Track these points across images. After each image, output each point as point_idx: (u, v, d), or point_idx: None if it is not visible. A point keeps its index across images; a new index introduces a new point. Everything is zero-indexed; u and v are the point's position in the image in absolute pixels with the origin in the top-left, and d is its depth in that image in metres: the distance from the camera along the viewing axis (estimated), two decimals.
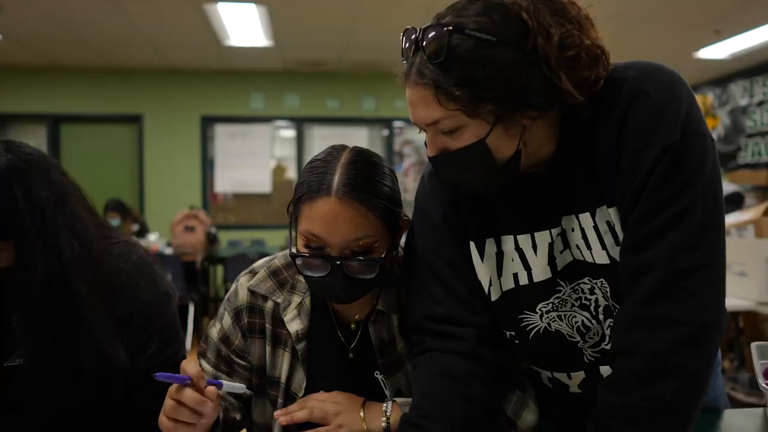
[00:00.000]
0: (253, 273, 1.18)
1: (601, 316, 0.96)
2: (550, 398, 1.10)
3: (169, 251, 5.29)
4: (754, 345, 1.15)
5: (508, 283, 0.99)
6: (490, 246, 1.00)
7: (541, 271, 0.97)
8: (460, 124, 0.85)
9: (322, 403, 1.06)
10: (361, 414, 1.04)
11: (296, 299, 1.14)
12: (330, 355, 1.14)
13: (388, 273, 1.09)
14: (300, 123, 7.61)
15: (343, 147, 1.07)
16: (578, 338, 0.99)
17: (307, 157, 7.62)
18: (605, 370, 0.99)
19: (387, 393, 1.11)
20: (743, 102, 7.01)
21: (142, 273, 1.14)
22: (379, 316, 1.13)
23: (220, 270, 6.16)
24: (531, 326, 1.01)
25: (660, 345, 0.83)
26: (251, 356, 1.15)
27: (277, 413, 1.06)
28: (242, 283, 1.17)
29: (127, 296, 1.10)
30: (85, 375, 1.02)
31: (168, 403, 0.90)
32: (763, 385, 1.04)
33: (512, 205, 0.97)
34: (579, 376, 1.03)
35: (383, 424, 1.03)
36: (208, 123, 7.42)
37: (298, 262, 1.03)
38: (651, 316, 0.84)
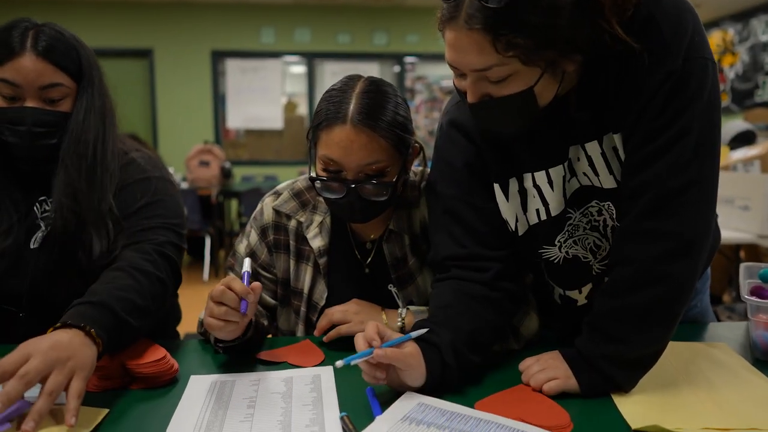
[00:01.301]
0: (277, 194, 1.29)
1: (609, 235, 1.06)
2: (555, 312, 1.21)
3: (184, 185, 5.42)
4: (742, 265, 1.25)
5: (533, 218, 1.06)
6: (513, 185, 1.06)
7: (556, 205, 1.04)
8: (512, 71, 0.86)
9: (341, 309, 1.18)
10: (384, 317, 1.17)
11: (317, 218, 1.25)
12: (348, 270, 1.26)
13: (399, 195, 1.20)
14: (311, 58, 7.54)
15: (358, 77, 1.15)
16: (590, 257, 1.09)
17: (319, 93, 7.59)
18: None
19: (399, 304, 1.23)
20: (764, 38, 6.84)
21: (150, 160, 1.27)
22: (392, 235, 1.23)
23: (234, 204, 6.29)
24: (551, 258, 1.10)
25: (651, 255, 0.92)
26: (277, 269, 1.27)
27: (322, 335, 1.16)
28: (267, 203, 1.28)
29: (131, 170, 1.23)
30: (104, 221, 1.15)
31: (216, 296, 0.98)
32: (745, 296, 1.13)
33: (527, 144, 1.03)
34: (587, 288, 1.13)
35: (398, 323, 1.17)
36: (218, 57, 7.38)
37: (317, 185, 1.14)
38: (644, 229, 0.93)
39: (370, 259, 1.26)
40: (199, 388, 0.98)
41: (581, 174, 1.02)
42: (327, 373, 1.04)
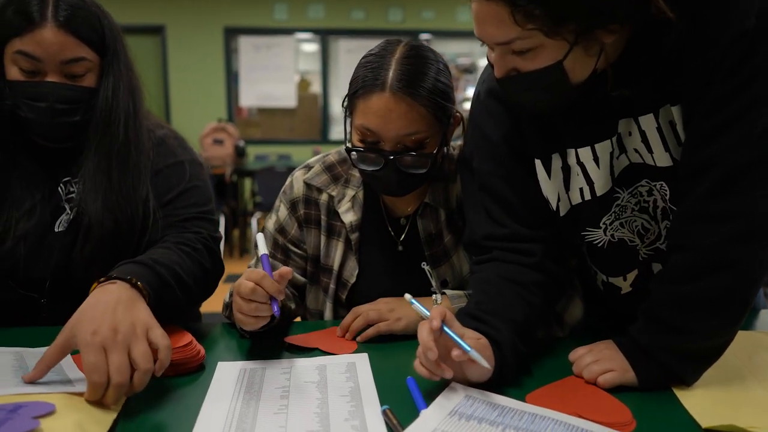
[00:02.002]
0: (308, 167, 1.22)
1: (659, 217, 0.97)
2: (597, 300, 1.13)
3: None
4: None
5: (576, 197, 0.98)
6: (556, 161, 0.98)
7: (603, 184, 0.96)
8: (535, 44, 0.80)
9: (372, 308, 1.10)
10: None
11: (350, 192, 1.19)
12: (380, 246, 1.20)
13: (438, 168, 1.13)
14: (324, 35, 7.41)
15: (398, 41, 1.07)
16: (638, 241, 1.00)
17: (332, 71, 7.47)
18: (657, 267, 1.02)
19: (433, 283, 1.17)
20: None
21: (170, 141, 1.21)
22: (427, 209, 1.17)
23: (248, 183, 6.24)
24: (595, 241, 1.02)
25: (716, 238, 0.84)
26: (307, 245, 1.21)
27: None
28: (297, 177, 1.22)
29: (163, 152, 1.18)
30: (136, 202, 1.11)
31: (245, 293, 0.91)
32: None
33: (571, 118, 0.95)
34: (632, 275, 1.05)
35: None
36: (231, 34, 7.27)
37: (353, 155, 1.07)
38: (709, 210, 0.85)
39: (403, 236, 1.20)
40: (228, 375, 0.93)
41: (632, 150, 0.94)
42: (362, 361, 0.98)
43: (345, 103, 1.08)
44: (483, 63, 7.51)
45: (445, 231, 1.18)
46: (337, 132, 7.62)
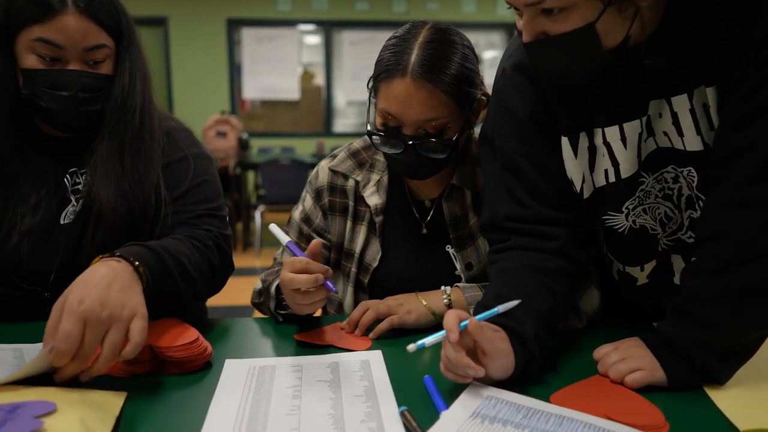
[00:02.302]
0: (333, 156, 1.22)
1: (683, 206, 0.92)
2: (612, 289, 1.09)
3: None
4: None
5: (600, 180, 0.94)
6: (583, 140, 0.93)
7: (629, 166, 0.91)
8: (569, 3, 0.77)
9: (381, 302, 1.07)
10: (423, 301, 1.06)
11: (375, 177, 1.18)
12: (404, 230, 1.18)
13: (463, 151, 1.12)
14: (328, 27, 7.34)
15: (423, 23, 1.05)
16: (659, 230, 0.96)
17: (336, 63, 7.40)
18: (676, 259, 0.97)
19: (458, 266, 1.14)
20: None
21: (180, 135, 1.17)
22: (453, 191, 1.14)
23: (252, 176, 6.20)
24: (616, 226, 0.98)
25: (751, 228, 0.79)
26: (331, 234, 1.20)
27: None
28: (323, 166, 1.21)
29: (172, 145, 1.15)
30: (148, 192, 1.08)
31: (302, 282, 0.90)
32: None
33: (601, 95, 0.90)
34: (650, 266, 1.01)
35: (445, 301, 1.06)
36: (234, 26, 7.20)
37: (375, 139, 1.06)
38: (744, 198, 0.80)
39: (428, 219, 1.18)
40: (236, 373, 0.88)
41: (660, 133, 0.89)
42: (375, 358, 0.93)
43: (370, 85, 1.07)
44: (487, 55, 7.45)
45: (471, 213, 1.15)
46: (341, 125, 7.56)
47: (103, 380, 0.85)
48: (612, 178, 0.93)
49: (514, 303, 0.84)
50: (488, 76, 1.00)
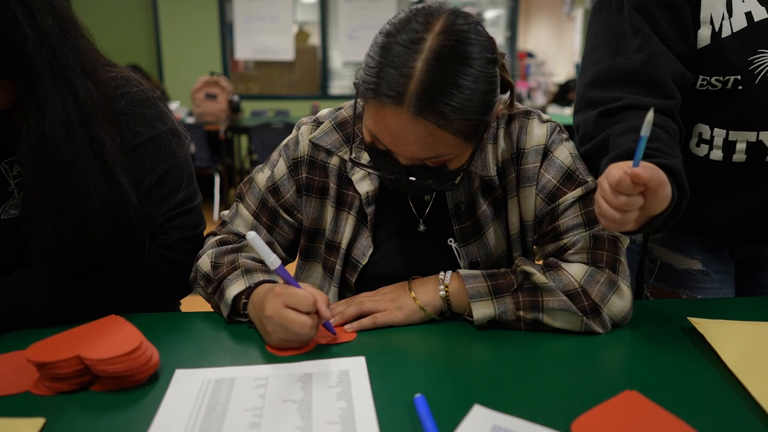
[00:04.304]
0: (317, 123, 1.00)
1: None
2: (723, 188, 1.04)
3: (191, 120, 5.10)
4: None
5: (761, 12, 0.93)
6: None
7: None
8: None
9: (370, 296, 0.93)
10: (412, 294, 0.91)
11: (366, 156, 0.96)
12: (399, 221, 1.00)
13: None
14: None
15: (435, 20, 0.76)
16: None
17: (332, 22, 7.08)
18: None
19: (461, 264, 0.98)
20: None
21: (142, 108, 0.97)
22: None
23: (244, 140, 5.99)
24: (762, 67, 0.94)
25: None
26: (303, 216, 1.01)
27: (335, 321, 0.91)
28: (304, 133, 1.00)
29: (134, 121, 0.95)
30: (110, 220, 0.90)
31: (298, 326, 0.79)
32: None
33: None
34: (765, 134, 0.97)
35: (441, 293, 0.90)
36: None
37: (358, 157, 0.91)
38: None
39: (428, 208, 0.99)
40: (186, 389, 0.72)
41: None
42: (357, 368, 0.77)
43: (356, 81, 0.81)
44: (489, 14, 7.13)
45: (480, 199, 0.96)
46: (337, 86, 7.30)
47: (20, 399, 0.69)
48: (761, 16, 0.92)
49: (650, 114, 0.69)
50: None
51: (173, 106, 5.43)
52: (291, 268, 1.10)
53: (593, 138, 0.94)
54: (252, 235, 0.80)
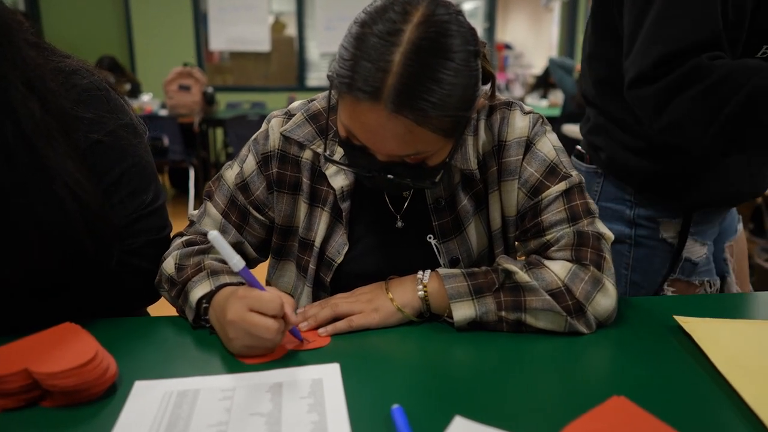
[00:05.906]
0: (289, 115, 0.95)
1: None
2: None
3: (164, 113, 4.97)
4: None
5: None
6: None
7: None
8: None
9: (346, 299, 0.89)
10: (389, 294, 0.87)
11: (340, 150, 0.92)
12: (376, 218, 0.95)
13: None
14: None
15: (414, 9, 0.71)
16: None
17: (308, 12, 6.96)
18: None
19: (441, 261, 0.94)
20: None
21: (93, 102, 0.89)
22: None
23: (219, 133, 5.88)
24: None
25: None
26: (275, 213, 0.96)
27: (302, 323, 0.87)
28: (274, 126, 0.95)
29: (88, 119, 0.87)
30: (71, 233, 0.82)
31: (263, 330, 0.75)
32: None
33: None
34: None
35: (420, 293, 0.86)
36: None
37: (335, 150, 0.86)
38: None
39: (407, 203, 0.94)
40: (145, 403, 0.67)
41: None
42: (331, 376, 0.73)
43: (330, 74, 0.76)
44: (467, 5, 7.07)
45: (461, 194, 0.93)
46: (314, 78, 7.20)
47: None
48: None
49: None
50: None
51: (145, 97, 5.29)
52: (263, 267, 1.05)
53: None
54: (214, 235, 0.75)
